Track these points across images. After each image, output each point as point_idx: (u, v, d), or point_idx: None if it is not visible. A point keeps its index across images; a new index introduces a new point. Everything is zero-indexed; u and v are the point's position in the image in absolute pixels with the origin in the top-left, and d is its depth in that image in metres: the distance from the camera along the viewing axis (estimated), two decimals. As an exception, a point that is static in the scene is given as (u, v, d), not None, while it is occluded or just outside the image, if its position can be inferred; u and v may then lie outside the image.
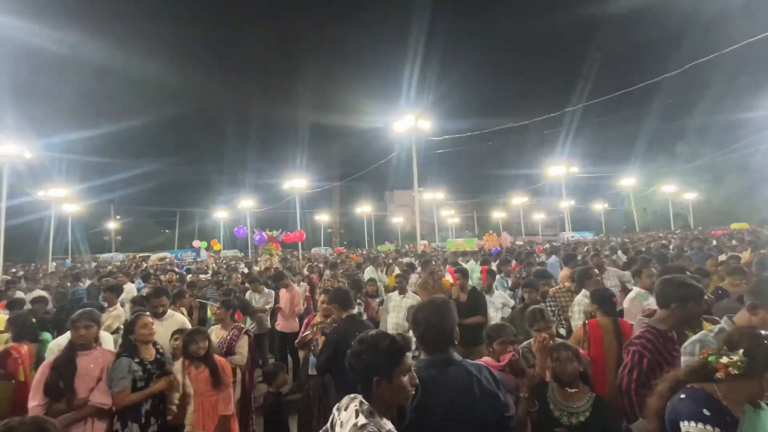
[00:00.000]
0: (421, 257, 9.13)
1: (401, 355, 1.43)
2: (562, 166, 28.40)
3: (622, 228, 48.35)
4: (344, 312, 3.25)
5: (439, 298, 1.90)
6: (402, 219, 56.50)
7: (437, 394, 1.59)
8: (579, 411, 2.15)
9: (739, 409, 1.42)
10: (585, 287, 3.89)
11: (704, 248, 9.04)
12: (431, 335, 1.73)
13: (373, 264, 8.40)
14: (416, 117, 14.28)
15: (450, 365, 1.68)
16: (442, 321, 1.73)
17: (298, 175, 23.77)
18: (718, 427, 1.37)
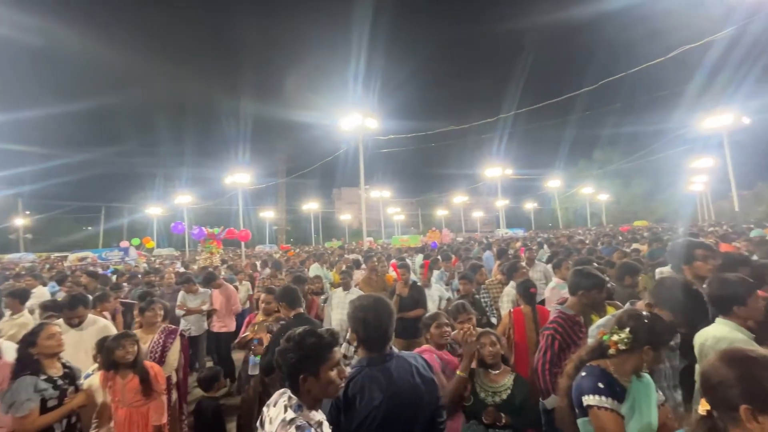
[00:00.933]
0: (366, 254, 9.26)
1: (328, 350, 1.46)
2: (498, 167, 30.40)
3: (549, 225, 53.08)
4: (292, 310, 3.23)
5: (375, 296, 1.90)
6: (349, 216, 56.39)
7: (382, 390, 1.64)
8: (501, 390, 2.39)
9: (626, 379, 1.68)
10: (513, 279, 4.28)
11: (612, 242, 10.31)
12: (372, 334, 1.75)
13: (319, 261, 8.35)
14: (363, 115, 14.40)
15: (390, 359, 1.73)
16: (381, 319, 1.75)
17: (242, 169, 22.63)
18: (611, 396, 1.60)
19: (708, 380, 1.09)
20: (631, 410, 1.63)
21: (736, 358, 1.07)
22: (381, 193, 37.72)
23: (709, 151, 27.67)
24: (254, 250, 28.73)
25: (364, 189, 18.05)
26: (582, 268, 2.71)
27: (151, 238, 28.83)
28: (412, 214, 68.04)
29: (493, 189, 33.45)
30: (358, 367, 1.70)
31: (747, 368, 1.03)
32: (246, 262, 12.15)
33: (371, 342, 1.75)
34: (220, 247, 11.85)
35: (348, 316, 1.83)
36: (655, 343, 1.65)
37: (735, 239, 8.01)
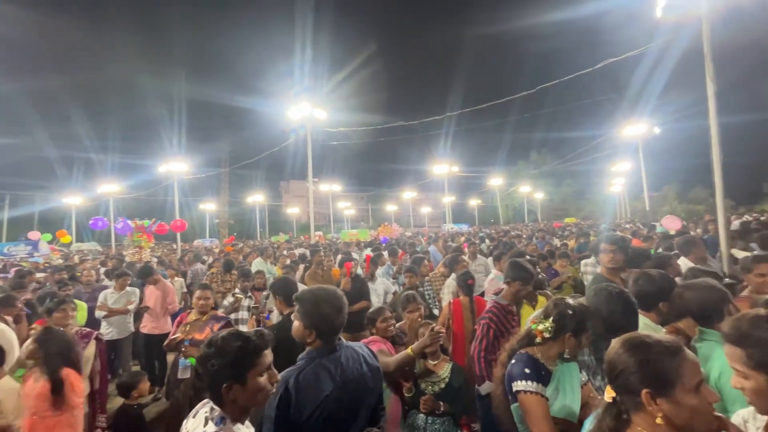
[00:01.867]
0: (312, 248, 9.05)
1: (256, 355, 1.35)
2: (445, 165, 31.44)
3: (491, 221, 56.19)
4: (288, 307, 2.95)
5: (328, 287, 1.91)
6: (297, 210, 54.96)
7: (333, 379, 1.67)
8: (440, 379, 2.46)
9: (552, 363, 1.80)
10: (455, 271, 4.43)
11: (546, 237, 11.14)
12: (329, 326, 1.74)
13: (262, 255, 7.99)
14: (312, 105, 13.99)
15: (340, 349, 1.76)
16: (338, 310, 1.76)
17: (178, 157, 20.87)
18: (536, 380, 1.70)
19: (612, 367, 1.11)
20: (555, 392, 1.74)
21: (635, 344, 1.10)
22: (331, 187, 37.17)
23: (627, 156, 30.99)
24: (192, 245, 26.89)
25: (313, 182, 17.65)
26: (515, 260, 2.87)
27: (68, 231, 25.65)
28: (362, 208, 68.12)
29: (441, 185, 34.57)
30: (308, 359, 1.71)
31: (645, 354, 1.06)
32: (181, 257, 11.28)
33: (328, 333, 1.75)
34: (150, 240, 10.87)
35: (304, 308, 1.76)
36: (577, 331, 1.78)
37: (644, 235, 9.04)
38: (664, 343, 1.08)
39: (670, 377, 1.03)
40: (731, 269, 4.79)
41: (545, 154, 52.98)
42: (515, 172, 53.65)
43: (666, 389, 1.02)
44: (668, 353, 1.05)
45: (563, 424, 1.68)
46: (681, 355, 1.05)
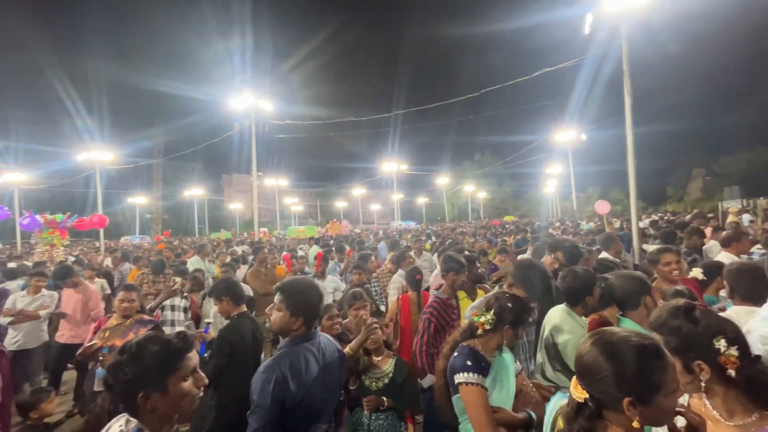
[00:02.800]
0: (256, 245, 8.65)
1: (179, 358, 1.23)
2: (394, 162, 31.88)
3: (437, 218, 58.18)
4: (237, 308, 2.83)
5: (304, 277, 2.07)
6: (241, 205, 52.36)
7: (317, 362, 1.78)
8: (383, 375, 2.46)
9: (491, 355, 1.87)
10: (401, 268, 4.48)
11: (487, 234, 11.75)
12: (313, 312, 1.84)
13: (200, 253, 7.46)
14: (256, 96, 13.30)
15: (318, 336, 1.87)
16: (320, 297, 1.89)
17: (101, 145, 18.65)
18: (477, 372, 1.76)
19: (587, 372, 1.03)
20: (493, 382, 1.82)
21: (615, 349, 1.01)
22: (277, 182, 35.81)
23: (558, 160, 33.76)
24: (119, 242, 24.42)
25: (258, 176, 16.87)
26: (449, 253, 2.99)
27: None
28: (310, 204, 66.75)
29: (390, 183, 35.01)
30: (292, 343, 1.78)
31: (627, 361, 0.99)
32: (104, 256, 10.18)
33: (313, 319, 1.85)
34: (64, 237, 9.63)
35: (292, 297, 1.79)
36: (514, 323, 1.87)
37: (572, 232, 9.91)
38: (645, 345, 1.00)
39: (653, 386, 0.97)
40: (642, 262, 5.40)
41: (488, 156, 56.18)
42: (461, 172, 56.11)
43: (648, 397, 0.97)
44: (652, 358, 0.99)
45: (499, 412, 1.76)
46: (664, 359, 1.00)
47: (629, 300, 2.04)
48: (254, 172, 13.86)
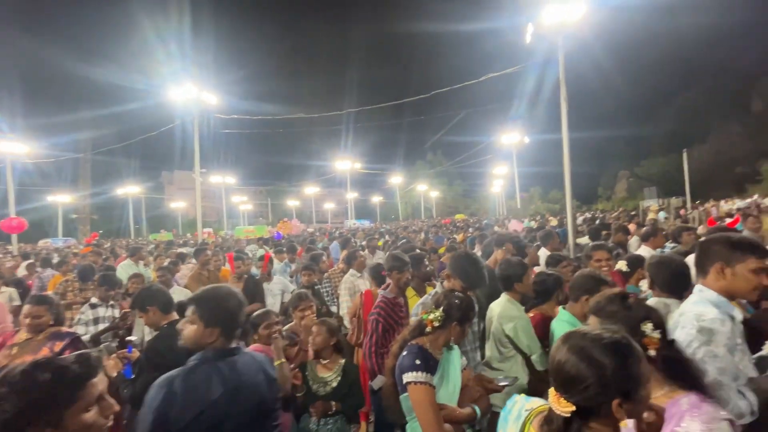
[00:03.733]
0: (199, 246, 8.12)
1: (77, 387, 1.06)
2: (347, 161, 31.71)
3: (392, 217, 58.89)
4: (167, 316, 2.55)
5: (223, 285, 1.86)
6: (183, 204, 48.94)
7: (223, 383, 1.57)
8: (330, 379, 2.41)
9: (439, 352, 1.88)
10: (352, 267, 4.44)
11: (439, 232, 12.08)
12: (232, 323, 1.67)
13: (133, 257, 6.82)
14: (199, 88, 12.44)
15: (237, 353, 1.68)
16: (240, 307, 1.71)
17: (12, 136, 16.36)
18: (425, 371, 1.76)
19: (574, 384, 0.98)
20: (441, 379, 1.84)
21: (593, 351, 0.98)
22: (224, 179, 33.97)
23: (504, 161, 35.66)
24: (36, 246, 21.76)
25: (202, 173, 15.87)
26: (393, 252, 3.02)
27: None
28: (261, 203, 64.25)
29: (344, 181, 34.75)
30: (201, 359, 1.60)
31: (611, 363, 0.96)
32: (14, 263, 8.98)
33: (232, 330, 1.67)
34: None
35: (206, 306, 1.64)
36: (462, 320, 1.91)
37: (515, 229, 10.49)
38: (619, 341, 1.00)
39: (636, 380, 0.98)
40: (576, 256, 5.83)
41: (440, 156, 57.91)
42: (414, 171, 57.29)
43: (634, 393, 0.97)
44: (628, 354, 0.99)
45: (445, 409, 1.78)
46: (636, 350, 1.01)
47: (572, 293, 2.17)
48: (197, 169, 12.99)
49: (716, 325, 1.50)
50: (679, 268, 2.17)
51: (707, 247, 1.66)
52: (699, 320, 1.53)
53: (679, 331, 1.62)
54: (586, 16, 8.15)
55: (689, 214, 20.39)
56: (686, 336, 1.56)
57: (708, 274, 1.62)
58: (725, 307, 1.57)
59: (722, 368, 1.44)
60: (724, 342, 1.47)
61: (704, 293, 1.62)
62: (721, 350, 1.46)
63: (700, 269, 1.67)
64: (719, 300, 1.58)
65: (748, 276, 1.53)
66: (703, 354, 1.48)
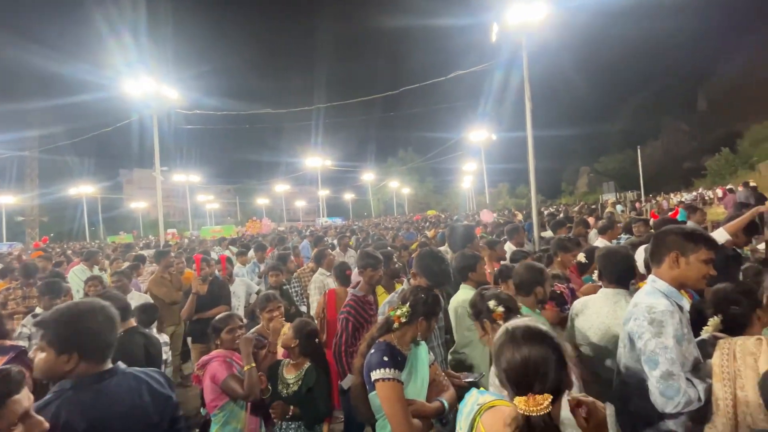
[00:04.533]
0: (162, 247, 7.73)
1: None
2: (318, 158, 31.28)
3: (364, 214, 58.84)
4: (122, 324, 2.25)
5: (93, 299, 1.64)
6: (145, 204, 46.47)
7: (85, 415, 1.33)
8: (293, 381, 2.36)
9: (407, 348, 1.89)
10: (321, 266, 4.38)
11: (410, 229, 12.19)
12: (94, 343, 1.44)
13: (88, 261, 6.37)
14: (158, 81, 11.77)
15: (110, 377, 1.45)
16: (102, 326, 1.46)
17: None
18: (394, 367, 1.75)
19: (545, 372, 1.02)
20: (409, 375, 1.85)
21: (544, 339, 1.07)
22: (187, 177, 32.51)
23: (474, 157, 36.45)
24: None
25: (163, 171, 15.11)
26: (366, 250, 3.01)
27: None
28: (229, 202, 62.25)
29: (316, 179, 34.25)
30: (58, 392, 1.37)
31: (555, 343, 1.07)
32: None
33: (96, 352, 1.44)
34: None
35: (55, 330, 1.40)
36: (428, 315, 1.91)
37: (485, 224, 10.76)
38: (537, 326, 1.11)
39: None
40: (542, 248, 6.04)
41: (411, 153, 58.45)
42: (386, 168, 57.48)
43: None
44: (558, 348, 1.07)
45: (413, 404, 1.79)
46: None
47: (525, 288, 2.24)
48: (157, 167, 12.32)
49: (666, 317, 1.57)
50: (624, 259, 2.28)
51: (663, 237, 1.73)
52: (650, 312, 1.61)
53: (632, 322, 1.70)
54: (548, 18, 8.42)
55: (643, 207, 21.75)
56: (638, 327, 1.64)
57: (663, 263, 1.69)
58: (675, 297, 1.65)
59: (672, 359, 1.52)
60: (673, 333, 1.55)
61: (656, 283, 1.70)
62: (671, 341, 1.54)
63: (654, 259, 1.74)
64: (670, 290, 1.66)
65: (699, 265, 1.62)
66: (654, 346, 1.56)
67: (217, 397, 2.29)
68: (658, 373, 1.52)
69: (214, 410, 2.29)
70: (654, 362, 1.55)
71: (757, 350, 1.46)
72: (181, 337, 5.07)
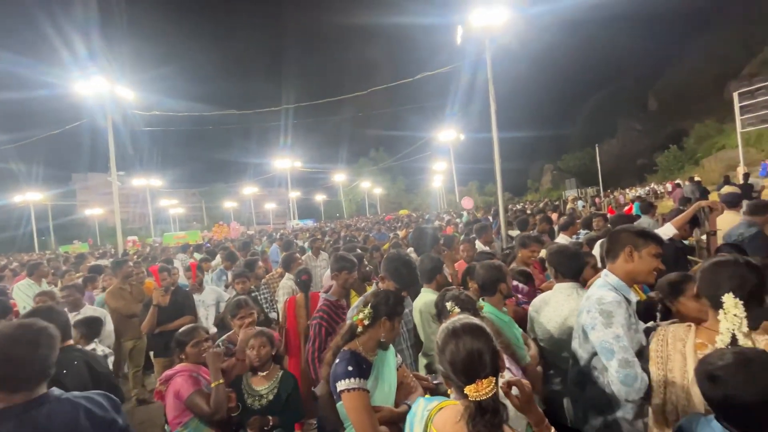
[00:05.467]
0: (120, 257, 7.29)
1: None
2: (287, 159, 30.68)
3: (336, 215, 58.37)
4: (61, 342, 2.09)
5: (15, 322, 1.49)
6: (101, 210, 43.73)
7: None
8: (266, 392, 2.29)
9: (372, 353, 1.86)
10: (290, 271, 4.29)
11: (381, 229, 12.20)
12: (15, 370, 1.33)
13: (33, 275, 5.88)
14: (112, 82, 11.04)
15: (40, 405, 1.34)
16: (29, 346, 1.35)
17: None
18: (359, 376, 1.72)
19: (485, 362, 1.13)
20: (375, 381, 1.82)
21: (479, 333, 1.18)
22: (148, 181, 30.81)
23: (443, 156, 37.05)
24: None
25: (120, 176, 14.27)
26: (340, 253, 2.96)
27: None
28: (194, 206, 59.85)
29: (285, 180, 33.55)
30: None
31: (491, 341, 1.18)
32: None
33: (18, 381, 1.33)
34: None
35: None
36: (391, 314, 1.89)
37: (455, 223, 10.96)
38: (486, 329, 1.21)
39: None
40: (508, 246, 6.22)
41: (382, 152, 58.72)
42: (357, 168, 57.35)
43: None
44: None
45: (381, 411, 1.78)
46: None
47: (488, 287, 2.30)
48: (113, 171, 11.60)
49: (614, 306, 1.67)
50: (574, 255, 2.45)
51: (617, 235, 1.85)
52: (600, 303, 1.71)
53: (584, 315, 1.79)
54: (510, 23, 8.70)
55: (602, 202, 22.94)
56: (591, 319, 1.73)
57: (617, 258, 1.80)
58: (623, 291, 1.76)
59: (625, 346, 1.61)
60: (623, 322, 1.65)
61: (608, 278, 1.81)
62: (621, 330, 1.64)
63: (610, 255, 1.85)
64: (619, 284, 1.77)
65: (650, 259, 1.74)
66: (607, 336, 1.64)
67: (180, 413, 2.19)
68: (616, 363, 1.60)
69: (177, 427, 2.19)
70: (610, 351, 1.63)
71: (685, 336, 1.57)
72: (142, 352, 4.81)
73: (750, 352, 1.20)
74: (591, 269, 2.88)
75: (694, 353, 1.50)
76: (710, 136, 35.23)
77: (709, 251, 3.08)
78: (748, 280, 1.42)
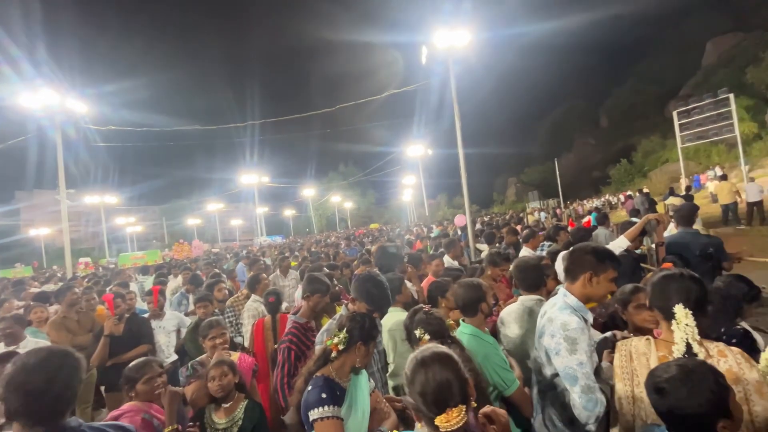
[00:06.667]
0: (66, 283, 6.73)
1: None
2: (254, 174, 30.00)
3: (306, 230, 57.46)
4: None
5: (40, 350, 1.38)
6: (49, 230, 40.49)
7: None
8: (231, 425, 2.16)
9: (346, 379, 1.80)
10: (255, 292, 4.13)
11: (351, 244, 12.11)
12: (32, 407, 1.26)
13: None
14: (61, 94, 10.36)
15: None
16: (45, 382, 1.28)
17: None
18: (332, 403, 1.66)
19: (454, 393, 1.13)
20: (349, 408, 1.76)
21: (456, 361, 1.19)
22: (102, 199, 28.93)
23: (412, 170, 37.65)
24: None
25: (70, 193, 13.30)
26: (310, 274, 2.87)
27: None
28: (154, 224, 56.83)
29: (252, 196, 32.68)
30: None
31: (458, 369, 1.18)
32: None
33: (31, 415, 1.27)
34: None
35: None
36: (366, 339, 1.85)
37: (425, 236, 11.08)
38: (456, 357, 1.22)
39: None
40: (476, 260, 6.35)
41: (352, 167, 58.94)
42: (326, 182, 57.07)
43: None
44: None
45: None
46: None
47: (469, 307, 2.23)
48: (62, 188, 10.78)
49: (578, 333, 1.72)
50: (533, 268, 2.56)
51: (580, 256, 1.87)
52: (565, 329, 1.75)
53: (547, 338, 1.82)
54: (471, 45, 9.12)
55: (563, 213, 24.09)
56: (555, 344, 1.76)
57: (577, 281, 1.84)
58: (582, 311, 1.82)
59: (588, 373, 1.67)
60: (585, 348, 1.71)
61: (567, 298, 1.85)
62: (585, 357, 1.69)
63: (570, 275, 1.89)
64: (578, 305, 1.82)
65: (606, 284, 1.81)
66: (571, 362, 1.69)
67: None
68: (579, 389, 1.65)
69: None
70: (573, 378, 1.68)
71: (647, 350, 1.63)
72: (92, 387, 4.41)
73: (692, 363, 1.25)
74: (553, 281, 3.00)
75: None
76: (655, 150, 38.19)
77: (657, 260, 3.30)
78: (693, 291, 1.52)
